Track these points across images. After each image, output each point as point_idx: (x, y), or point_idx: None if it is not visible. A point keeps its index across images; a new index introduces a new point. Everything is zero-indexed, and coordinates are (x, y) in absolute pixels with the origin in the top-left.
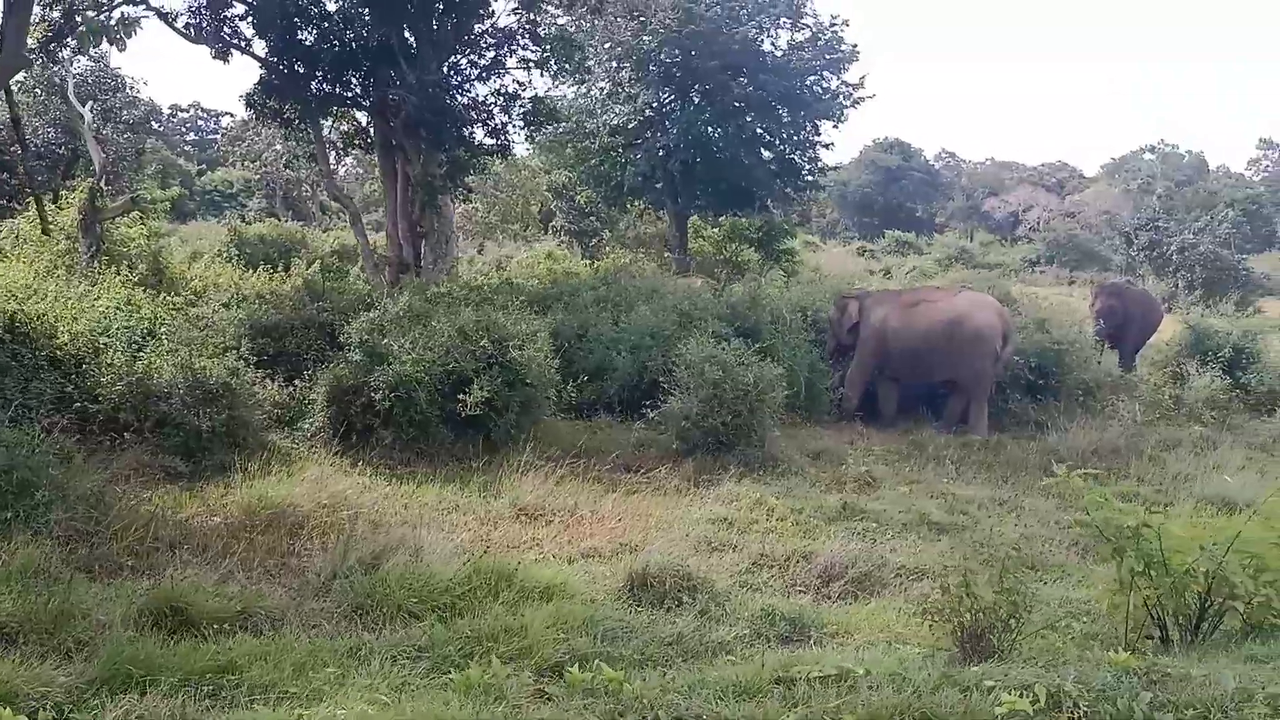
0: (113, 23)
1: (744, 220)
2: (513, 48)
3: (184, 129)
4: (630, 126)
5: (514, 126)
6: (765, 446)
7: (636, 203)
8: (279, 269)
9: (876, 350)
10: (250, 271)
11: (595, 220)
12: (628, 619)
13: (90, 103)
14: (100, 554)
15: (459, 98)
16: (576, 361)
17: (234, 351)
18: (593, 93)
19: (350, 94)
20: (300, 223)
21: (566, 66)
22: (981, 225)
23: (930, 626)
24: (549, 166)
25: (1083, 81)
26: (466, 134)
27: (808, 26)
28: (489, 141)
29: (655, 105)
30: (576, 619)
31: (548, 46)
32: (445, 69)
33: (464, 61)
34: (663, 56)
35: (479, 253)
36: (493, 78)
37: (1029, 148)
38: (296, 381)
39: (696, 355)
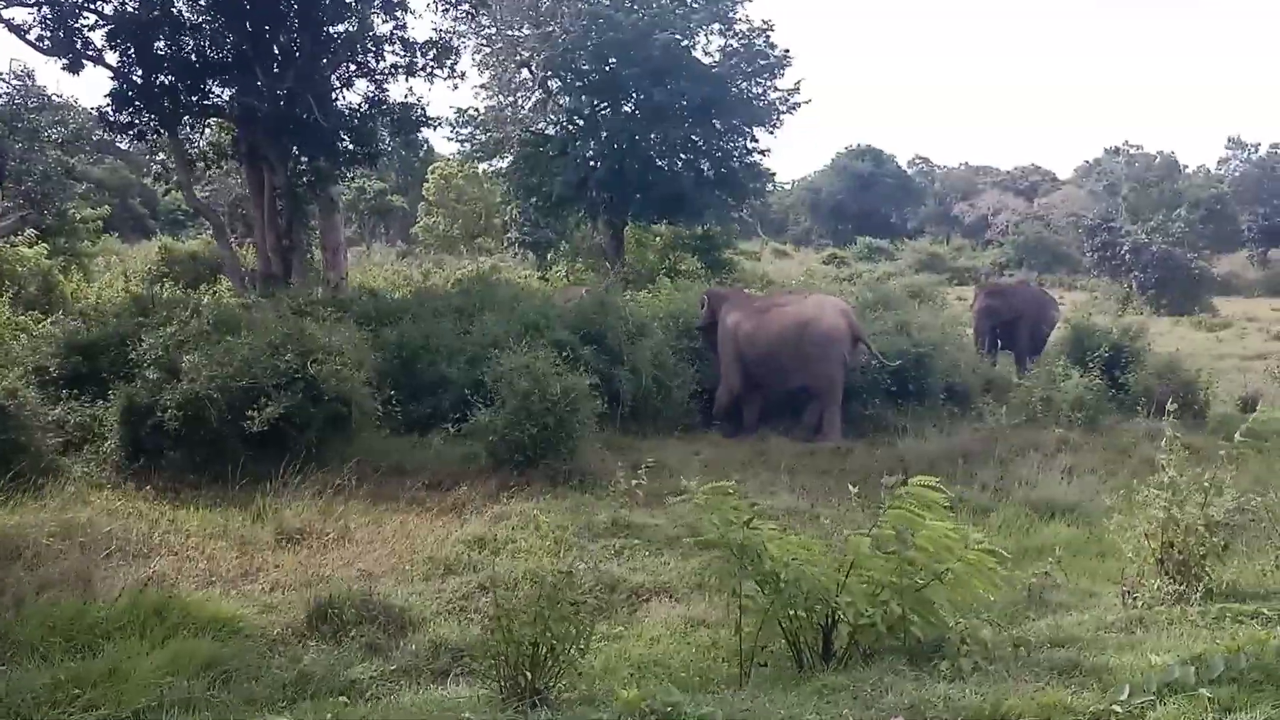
0: None
1: (684, 229)
2: (380, 53)
3: None
4: (557, 136)
5: (387, 134)
6: (576, 459)
7: (572, 213)
8: (200, 287)
9: (735, 354)
10: (158, 288)
11: (549, 232)
12: (268, 657)
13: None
14: None
15: (321, 106)
16: (418, 374)
17: (19, 370)
18: (518, 102)
19: (208, 103)
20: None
21: (438, 72)
22: (955, 230)
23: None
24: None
25: (1059, 83)
26: (334, 143)
27: (739, 33)
28: (358, 150)
29: (582, 113)
30: (200, 658)
31: (418, 51)
32: (306, 76)
33: (326, 68)
34: (582, 64)
35: (435, 266)
36: (362, 84)
37: (1003, 152)
38: (100, 401)
39: (507, 365)
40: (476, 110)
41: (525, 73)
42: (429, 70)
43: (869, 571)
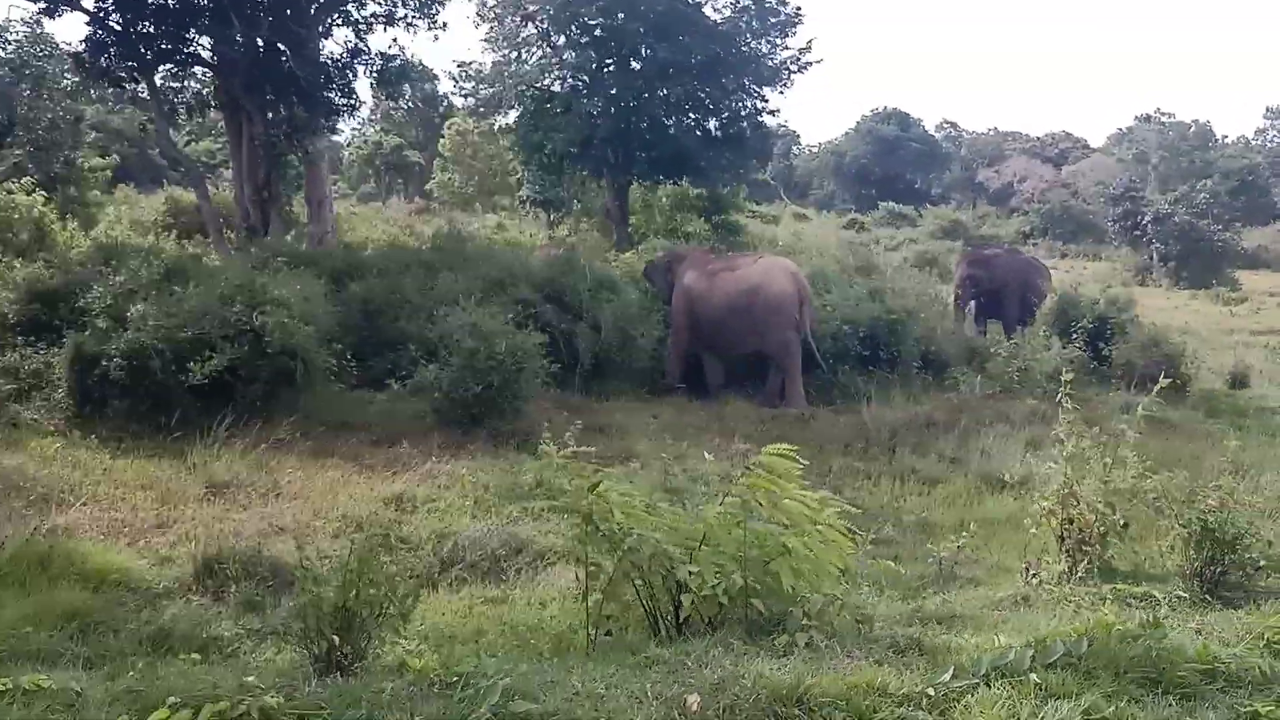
0: None
1: (690, 189)
2: (361, 1)
3: None
4: (561, 92)
5: (374, 84)
6: (520, 419)
7: (576, 172)
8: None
9: (686, 315)
10: (157, 239)
11: (561, 191)
12: (134, 612)
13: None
14: None
15: (299, 55)
16: (380, 330)
17: None
18: (523, 57)
19: (186, 52)
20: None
21: (418, 22)
22: (981, 197)
23: None
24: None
25: (1096, 48)
26: (312, 93)
27: None
28: (340, 101)
29: (587, 69)
30: (62, 610)
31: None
32: (283, 25)
33: (304, 17)
34: (587, 19)
35: (448, 224)
36: (342, 34)
37: (1034, 118)
38: (54, 349)
39: (455, 323)
40: (480, 65)
41: (530, 27)
42: (409, 20)
43: (718, 542)
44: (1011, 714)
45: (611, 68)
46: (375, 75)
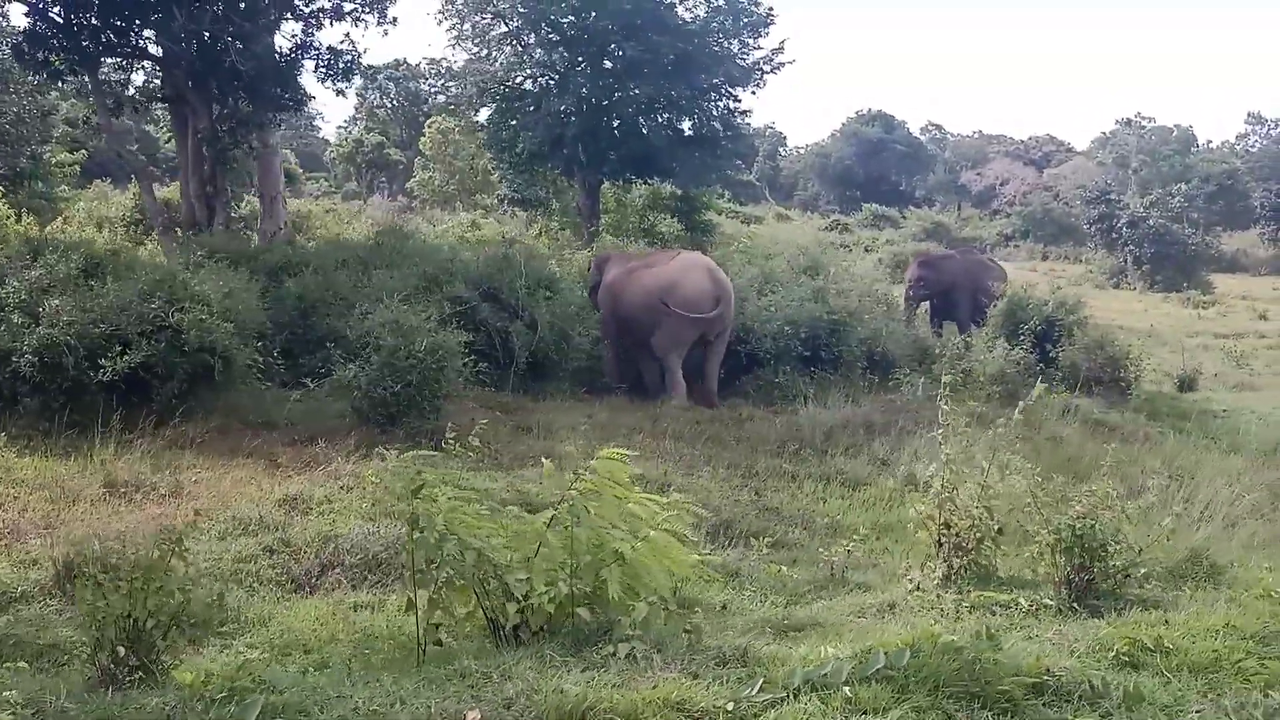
0: None
1: (663, 189)
2: None
3: None
4: (531, 90)
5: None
6: (440, 418)
7: (547, 171)
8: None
9: (610, 314)
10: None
11: (538, 190)
12: None
13: None
14: None
15: (242, 48)
16: (313, 327)
17: None
18: (492, 55)
19: (130, 44)
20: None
21: (366, 16)
22: (965, 199)
23: None
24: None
25: (1081, 51)
26: (257, 87)
27: None
28: (282, 95)
29: (556, 68)
30: None
31: None
32: (226, 17)
33: (247, 10)
34: (557, 17)
35: (427, 222)
36: (290, 27)
37: (1020, 121)
38: None
39: (377, 320)
40: (449, 62)
41: (501, 25)
42: (356, 15)
43: (550, 549)
44: None
45: (582, 66)
46: (322, 70)
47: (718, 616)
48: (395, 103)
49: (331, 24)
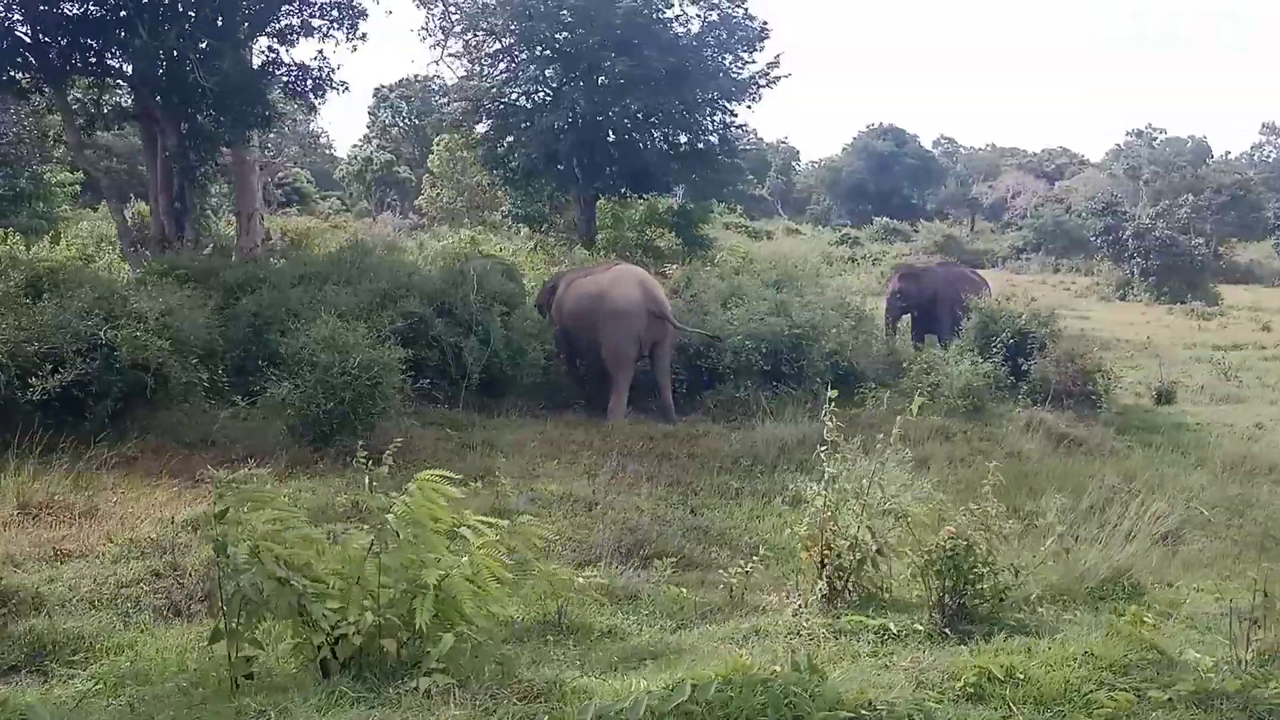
0: None
1: (660, 204)
2: (275, 12)
3: None
4: (525, 106)
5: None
6: (375, 437)
7: (542, 186)
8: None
9: (559, 328)
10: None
11: (541, 206)
12: None
13: None
14: None
15: (206, 65)
16: (267, 344)
17: None
18: (485, 71)
19: (95, 62)
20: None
21: (335, 32)
22: (978, 212)
23: None
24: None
25: (1095, 64)
26: (223, 104)
27: (714, 4)
28: (249, 112)
29: (549, 84)
30: None
31: (315, 11)
32: (191, 35)
33: (212, 27)
34: (549, 33)
35: (430, 238)
36: (259, 44)
37: (1033, 134)
38: None
39: (314, 335)
40: (439, 78)
41: (495, 42)
42: (326, 31)
43: (368, 576)
44: None
45: (575, 81)
46: (287, 87)
47: (595, 643)
48: (408, 121)
49: (299, 40)
